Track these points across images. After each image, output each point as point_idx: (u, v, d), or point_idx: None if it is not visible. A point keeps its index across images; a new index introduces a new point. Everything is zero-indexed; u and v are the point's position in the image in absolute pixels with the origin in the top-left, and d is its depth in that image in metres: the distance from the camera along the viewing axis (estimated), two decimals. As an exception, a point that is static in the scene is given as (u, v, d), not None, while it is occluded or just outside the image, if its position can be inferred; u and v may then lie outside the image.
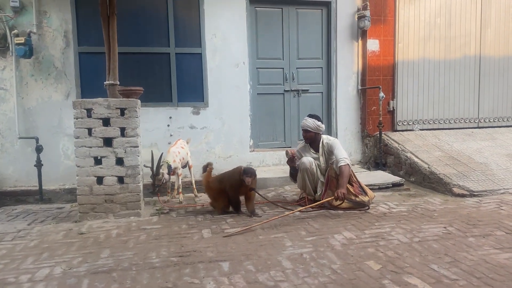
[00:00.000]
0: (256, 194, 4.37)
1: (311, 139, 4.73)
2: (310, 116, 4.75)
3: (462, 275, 2.65)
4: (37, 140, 5.53)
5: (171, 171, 4.83)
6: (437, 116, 7.04)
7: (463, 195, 4.86)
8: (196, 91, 6.29)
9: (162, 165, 4.74)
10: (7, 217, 4.71)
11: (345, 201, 4.46)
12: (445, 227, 3.67)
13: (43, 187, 5.53)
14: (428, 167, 5.57)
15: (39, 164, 5.49)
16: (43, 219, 4.54)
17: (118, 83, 4.64)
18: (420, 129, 6.95)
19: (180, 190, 5.09)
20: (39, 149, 5.50)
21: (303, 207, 4.41)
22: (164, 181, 4.78)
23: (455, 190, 4.97)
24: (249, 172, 4.23)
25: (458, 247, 3.17)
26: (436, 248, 3.17)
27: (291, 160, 4.79)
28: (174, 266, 2.94)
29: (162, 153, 4.91)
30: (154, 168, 4.73)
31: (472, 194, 4.85)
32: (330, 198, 4.40)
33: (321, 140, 4.76)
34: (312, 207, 4.44)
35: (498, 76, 7.21)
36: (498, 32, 7.14)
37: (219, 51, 6.22)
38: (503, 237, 3.38)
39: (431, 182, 5.41)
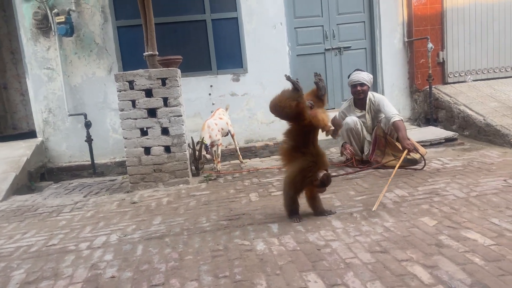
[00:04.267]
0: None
1: (365, 93, 4.54)
2: (359, 70, 4.57)
3: (527, 228, 2.48)
4: (85, 116, 5.71)
5: (209, 148, 4.85)
6: (491, 65, 6.56)
7: (524, 146, 4.56)
8: (235, 58, 6.20)
9: (197, 144, 4.77)
10: (65, 190, 4.96)
11: (395, 159, 4.31)
12: (505, 180, 3.46)
13: (95, 161, 5.75)
14: (484, 119, 5.23)
15: (89, 139, 5.69)
16: (97, 191, 4.73)
17: (157, 53, 4.64)
18: (473, 80, 6.52)
19: (219, 159, 5.08)
20: (88, 125, 5.68)
21: (376, 165, 4.29)
22: (205, 162, 4.88)
23: (515, 141, 4.67)
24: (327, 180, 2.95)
25: (521, 200, 2.98)
26: (496, 201, 2.99)
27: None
28: (224, 229, 2.97)
29: (192, 138, 4.85)
30: (196, 154, 4.77)
31: (534, 145, 4.54)
32: (404, 154, 4.06)
33: (368, 96, 4.58)
34: (386, 166, 4.29)
35: (561, 15, 6.57)
36: (560, -34, 6.45)
37: (255, 14, 6.05)
38: None
39: (487, 135, 5.10)
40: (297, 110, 2.87)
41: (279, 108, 2.92)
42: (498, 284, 1.91)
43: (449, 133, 5.30)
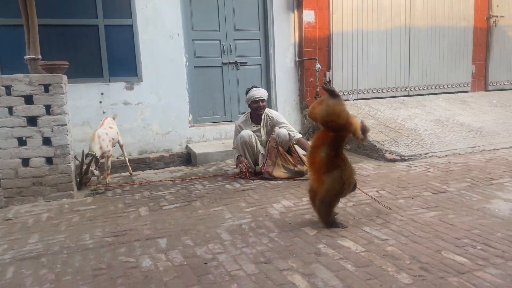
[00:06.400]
0: None
1: (264, 108, 4.81)
2: (256, 87, 4.86)
3: (391, 235, 2.78)
4: (-49, 122, 5.04)
5: (99, 162, 4.61)
6: (370, 86, 7.26)
7: (394, 160, 5.10)
8: (129, 65, 6.00)
9: (87, 157, 4.50)
10: None
11: (284, 171, 4.54)
12: (377, 191, 3.84)
13: (-37, 173, 5.09)
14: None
15: (-44, 148, 5.02)
16: (-37, 207, 4.19)
17: (40, 57, 4.29)
18: (355, 99, 7.15)
19: (109, 171, 4.85)
20: (-45, 132, 5.02)
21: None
22: (92, 177, 4.61)
23: (387, 155, 5.20)
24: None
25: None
26: (369, 211, 3.31)
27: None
28: (108, 246, 2.84)
29: (83, 151, 4.57)
30: (83, 168, 4.47)
31: (403, 159, 5.10)
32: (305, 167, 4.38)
33: (264, 112, 4.84)
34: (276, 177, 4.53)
35: (426, 45, 7.53)
36: (426, 2, 7.41)
37: (151, 23, 5.94)
38: (429, 197, 3.58)
39: (365, 149, 5.62)
40: (348, 116, 2.85)
41: (335, 116, 2.80)
42: (365, 287, 2.11)
43: (333, 147, 5.73)
